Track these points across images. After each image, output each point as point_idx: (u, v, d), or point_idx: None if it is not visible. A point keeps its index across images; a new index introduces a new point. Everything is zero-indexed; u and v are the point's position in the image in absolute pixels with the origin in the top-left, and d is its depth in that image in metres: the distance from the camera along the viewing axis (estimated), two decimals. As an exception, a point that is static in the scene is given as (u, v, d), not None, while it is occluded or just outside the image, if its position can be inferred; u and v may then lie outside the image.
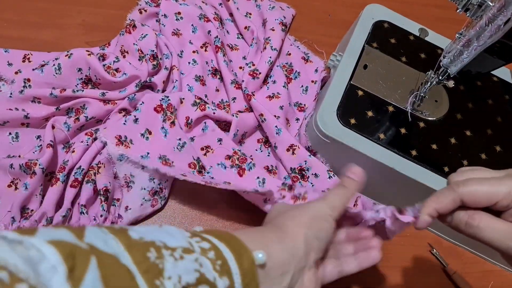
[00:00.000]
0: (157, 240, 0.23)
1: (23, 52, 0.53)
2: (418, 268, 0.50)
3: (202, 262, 0.23)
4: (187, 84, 0.54)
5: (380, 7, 0.60)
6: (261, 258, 0.26)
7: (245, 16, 0.63)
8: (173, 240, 0.24)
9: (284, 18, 0.62)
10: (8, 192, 0.45)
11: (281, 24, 0.61)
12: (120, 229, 0.23)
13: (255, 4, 0.65)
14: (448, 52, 0.45)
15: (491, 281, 0.51)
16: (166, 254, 0.22)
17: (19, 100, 0.48)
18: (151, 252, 0.22)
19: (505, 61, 0.42)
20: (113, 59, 0.53)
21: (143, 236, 0.23)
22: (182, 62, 0.56)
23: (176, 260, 0.22)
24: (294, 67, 0.59)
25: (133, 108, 0.52)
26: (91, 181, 0.45)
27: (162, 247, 0.23)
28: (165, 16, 0.59)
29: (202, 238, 0.25)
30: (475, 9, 0.40)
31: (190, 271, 0.22)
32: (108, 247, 0.21)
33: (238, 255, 0.25)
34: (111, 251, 0.20)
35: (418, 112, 0.51)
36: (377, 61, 0.54)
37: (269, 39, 0.59)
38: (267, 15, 0.62)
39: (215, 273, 0.23)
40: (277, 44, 0.59)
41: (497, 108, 0.54)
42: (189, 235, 0.25)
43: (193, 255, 0.23)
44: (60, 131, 0.48)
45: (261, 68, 0.56)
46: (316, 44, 0.64)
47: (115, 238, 0.22)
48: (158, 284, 0.21)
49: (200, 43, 0.59)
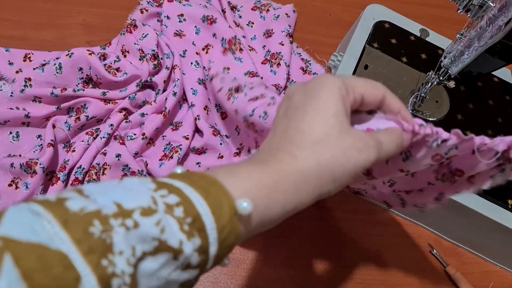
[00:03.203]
0: (108, 203, 0.19)
1: (24, 52, 0.53)
2: (418, 268, 0.50)
3: (165, 224, 0.19)
4: (191, 88, 0.54)
5: (381, 7, 0.60)
6: (246, 207, 0.22)
7: (247, 25, 0.63)
8: (132, 198, 0.20)
9: (289, 28, 0.62)
10: (9, 191, 0.45)
11: (288, 36, 0.60)
12: (57, 201, 0.19)
13: (260, 15, 0.64)
14: (449, 53, 0.45)
15: (491, 282, 0.51)
16: (115, 224, 0.18)
17: (20, 100, 0.48)
18: (94, 226, 0.18)
19: (505, 62, 0.42)
20: (114, 58, 0.53)
21: (86, 205, 0.19)
22: (185, 61, 0.56)
23: (129, 229, 0.18)
24: (291, 76, 0.59)
25: (133, 107, 0.52)
26: (92, 180, 0.45)
27: (110, 215, 0.19)
28: (168, 18, 0.59)
29: (171, 189, 0.21)
30: (476, 9, 0.40)
31: (147, 239, 0.19)
32: (32, 233, 0.17)
33: (216, 206, 0.21)
34: (37, 238, 0.17)
35: (419, 112, 0.51)
36: (378, 61, 0.54)
37: (281, 54, 0.59)
38: (273, 26, 0.61)
39: (182, 235, 0.20)
40: (288, 59, 0.59)
41: (498, 109, 0.54)
42: (154, 187, 0.21)
43: (154, 216, 0.19)
44: (61, 130, 0.48)
45: (282, 84, 0.57)
46: (316, 45, 0.64)
47: (48, 216, 0.18)
48: (105, 265, 0.17)
49: (203, 45, 0.59)
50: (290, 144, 0.26)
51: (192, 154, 0.52)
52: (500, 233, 0.46)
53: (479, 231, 0.48)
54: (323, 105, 0.26)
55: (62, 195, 0.19)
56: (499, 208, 0.46)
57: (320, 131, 0.26)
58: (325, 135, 0.25)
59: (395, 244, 0.51)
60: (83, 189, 0.20)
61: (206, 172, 0.23)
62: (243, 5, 0.65)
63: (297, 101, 0.27)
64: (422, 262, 0.51)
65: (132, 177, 0.22)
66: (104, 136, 0.48)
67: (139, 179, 0.21)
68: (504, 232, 0.46)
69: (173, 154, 0.49)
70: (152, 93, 0.54)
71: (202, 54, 0.58)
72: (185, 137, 0.51)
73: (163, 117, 0.50)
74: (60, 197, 0.19)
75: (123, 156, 0.46)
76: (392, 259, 0.50)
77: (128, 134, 0.50)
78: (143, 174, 0.48)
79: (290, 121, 0.27)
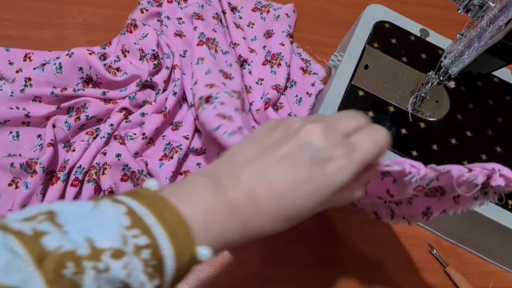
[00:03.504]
0: (81, 240, 0.19)
1: (24, 51, 0.53)
2: (418, 268, 0.50)
3: (132, 268, 0.20)
4: (190, 88, 0.54)
5: (381, 7, 0.60)
6: (205, 255, 0.23)
7: (248, 26, 0.63)
8: (104, 235, 0.20)
9: (290, 28, 0.62)
10: (9, 191, 0.45)
11: (288, 36, 0.60)
12: (34, 236, 0.19)
13: (260, 16, 0.64)
14: (449, 53, 0.45)
15: (491, 282, 0.51)
16: (88, 267, 0.19)
17: (20, 99, 0.48)
18: (67, 268, 0.18)
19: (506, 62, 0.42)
20: (114, 58, 0.53)
21: (62, 244, 0.19)
22: (185, 61, 0.56)
23: (100, 272, 0.19)
24: (291, 76, 0.59)
25: (133, 107, 0.52)
26: (92, 180, 0.45)
27: (84, 257, 0.19)
28: (168, 18, 0.59)
29: (143, 229, 0.21)
30: (476, 9, 0.40)
31: (114, 282, 0.20)
32: (8, 276, 0.17)
33: (180, 251, 0.22)
34: (13, 281, 0.17)
35: (419, 112, 0.51)
36: (378, 62, 0.54)
37: (282, 55, 0.58)
38: (273, 26, 0.61)
39: (144, 277, 0.21)
40: (289, 59, 0.59)
41: (498, 109, 0.54)
42: (127, 224, 0.21)
43: (123, 259, 0.20)
44: (61, 130, 0.48)
45: (282, 83, 0.56)
46: (316, 44, 0.64)
47: (24, 255, 0.18)
48: None
49: None
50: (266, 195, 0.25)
51: (192, 156, 0.52)
52: (500, 234, 0.46)
53: (479, 231, 0.48)
54: (319, 192, 0.26)
55: (38, 226, 0.19)
56: (499, 208, 0.46)
57: (296, 211, 0.26)
58: (297, 215, 0.26)
59: (395, 244, 0.51)
60: (57, 214, 0.20)
61: (174, 201, 0.23)
62: (244, 6, 0.65)
63: (303, 159, 0.26)
64: (422, 262, 0.51)
65: (107, 201, 0.22)
66: (104, 136, 0.48)
67: (114, 209, 0.21)
68: (504, 233, 0.46)
69: (173, 154, 0.49)
70: (152, 93, 0.54)
71: None
72: (185, 136, 0.51)
73: (163, 117, 0.50)
74: (36, 230, 0.19)
75: (123, 156, 0.46)
76: (392, 259, 0.50)
77: (128, 134, 0.50)
78: (143, 174, 0.48)
79: (282, 171, 0.26)
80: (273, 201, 0.25)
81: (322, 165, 0.25)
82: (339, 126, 0.28)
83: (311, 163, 0.25)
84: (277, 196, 0.25)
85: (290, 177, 0.25)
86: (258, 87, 0.57)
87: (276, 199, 0.25)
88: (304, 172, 0.25)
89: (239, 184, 0.25)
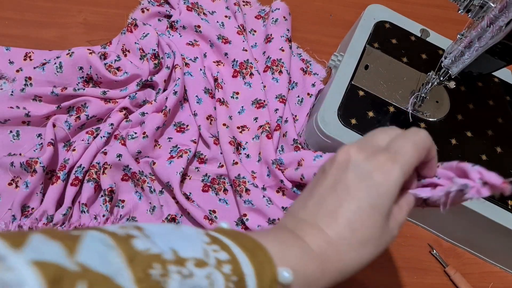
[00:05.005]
0: (166, 249, 0.20)
1: (25, 51, 0.53)
2: (418, 268, 0.50)
3: (214, 279, 0.21)
4: (196, 95, 0.54)
5: (382, 7, 0.60)
6: (287, 278, 0.23)
7: (249, 33, 0.63)
8: (187, 247, 0.21)
9: (288, 32, 0.61)
10: (9, 190, 0.45)
11: (287, 41, 0.60)
12: (126, 237, 0.20)
13: (263, 24, 0.64)
14: (449, 53, 0.45)
15: (491, 282, 0.51)
16: (173, 271, 0.19)
17: (20, 99, 0.48)
18: (154, 269, 0.19)
19: (506, 62, 0.42)
20: (114, 58, 0.53)
21: (150, 247, 0.20)
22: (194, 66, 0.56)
23: (184, 277, 0.20)
24: (292, 77, 0.59)
25: (134, 107, 0.52)
26: (92, 179, 0.45)
27: (169, 261, 0.20)
28: (184, 28, 0.58)
29: (222, 246, 0.22)
30: (477, 10, 0.40)
31: None
32: (104, 265, 0.18)
33: (260, 270, 0.22)
34: (106, 270, 0.18)
35: (419, 112, 0.51)
36: (378, 62, 0.54)
37: (282, 61, 0.58)
38: (272, 30, 0.60)
39: None
40: (289, 65, 0.59)
41: (498, 109, 0.55)
42: (207, 240, 0.22)
43: (206, 269, 0.20)
44: (61, 129, 0.48)
45: (285, 93, 0.56)
46: (317, 44, 0.64)
47: (118, 249, 0.19)
48: None
49: (214, 59, 0.58)
50: (333, 227, 0.26)
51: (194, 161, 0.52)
52: (500, 234, 0.46)
53: (479, 231, 0.48)
54: (379, 203, 0.26)
55: (129, 231, 0.21)
56: (499, 209, 0.46)
57: (367, 231, 0.26)
58: (370, 237, 0.26)
59: (394, 244, 0.51)
60: (143, 229, 0.21)
61: (251, 234, 0.25)
62: (247, 12, 0.65)
63: (350, 179, 0.26)
64: (422, 262, 0.51)
65: (188, 226, 0.25)
66: (104, 136, 0.48)
67: (194, 229, 0.23)
68: (504, 233, 0.46)
69: (182, 154, 0.49)
70: (153, 92, 0.54)
71: (212, 65, 0.57)
72: (193, 141, 0.52)
73: (164, 115, 0.50)
74: (128, 234, 0.20)
75: (124, 156, 0.46)
76: (392, 259, 0.50)
77: (129, 133, 0.50)
78: (143, 175, 0.48)
79: (339, 199, 0.26)
80: (345, 232, 0.26)
81: (369, 176, 0.26)
82: (373, 140, 0.28)
83: (358, 179, 0.26)
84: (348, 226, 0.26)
85: (346, 203, 0.26)
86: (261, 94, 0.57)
87: (348, 229, 0.26)
88: (356, 191, 0.26)
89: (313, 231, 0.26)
